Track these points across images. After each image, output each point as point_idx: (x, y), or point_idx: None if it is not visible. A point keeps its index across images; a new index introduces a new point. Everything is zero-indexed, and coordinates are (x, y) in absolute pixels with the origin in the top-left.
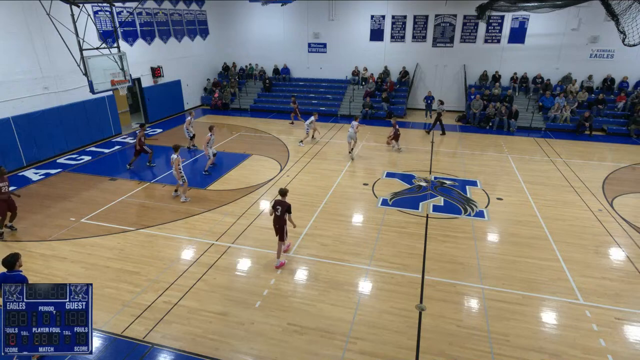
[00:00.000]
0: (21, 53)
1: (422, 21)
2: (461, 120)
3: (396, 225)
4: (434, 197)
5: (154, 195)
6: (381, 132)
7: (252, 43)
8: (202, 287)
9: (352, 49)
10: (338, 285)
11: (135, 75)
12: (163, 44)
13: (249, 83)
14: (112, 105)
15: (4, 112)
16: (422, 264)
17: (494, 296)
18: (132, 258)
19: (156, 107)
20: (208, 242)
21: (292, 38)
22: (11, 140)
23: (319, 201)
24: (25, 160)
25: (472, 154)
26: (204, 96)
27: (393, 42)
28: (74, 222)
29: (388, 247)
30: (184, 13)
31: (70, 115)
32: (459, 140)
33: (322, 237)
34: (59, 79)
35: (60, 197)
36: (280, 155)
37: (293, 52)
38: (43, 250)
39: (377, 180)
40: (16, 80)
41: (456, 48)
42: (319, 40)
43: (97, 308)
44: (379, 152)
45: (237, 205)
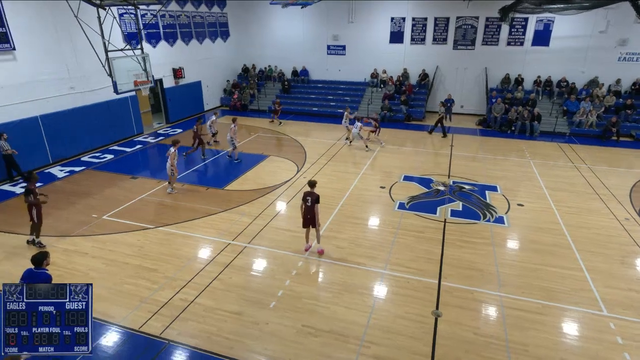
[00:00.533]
0: (49, 54)
1: (443, 23)
2: (482, 124)
3: (413, 230)
4: (452, 202)
5: (173, 194)
6: (399, 135)
7: (272, 45)
8: (218, 286)
9: (371, 51)
10: (353, 288)
11: (157, 76)
12: (185, 46)
13: (268, 84)
14: (135, 105)
15: (32, 111)
16: (439, 270)
17: (513, 304)
18: (151, 255)
19: (177, 107)
20: (225, 242)
21: (311, 40)
22: (39, 138)
23: (335, 203)
24: (52, 158)
25: (493, 158)
26: (223, 97)
27: (413, 44)
28: (96, 219)
29: (404, 252)
30: (205, 15)
31: (94, 114)
32: (479, 144)
33: (338, 240)
34: (85, 80)
35: (84, 194)
36: (297, 156)
37: (312, 54)
38: (66, 245)
39: (394, 183)
40: (44, 80)
41: (477, 51)
42: (338, 43)
43: (116, 303)
44: (397, 155)
45: (253, 205)
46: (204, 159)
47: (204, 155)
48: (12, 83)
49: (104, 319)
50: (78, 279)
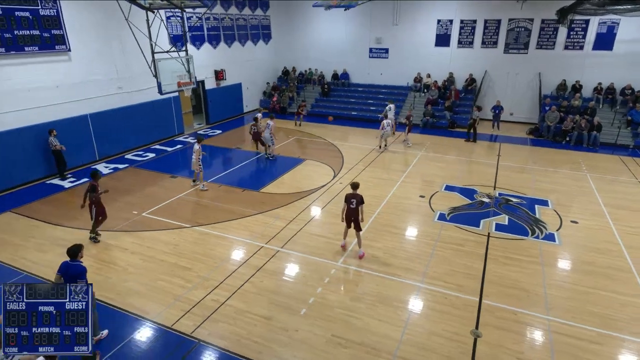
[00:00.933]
0: (100, 55)
1: (494, 26)
2: (533, 133)
3: (453, 242)
4: (497, 215)
5: (210, 194)
6: (442, 142)
7: (313, 47)
8: (250, 289)
9: (415, 55)
10: (386, 300)
11: (199, 78)
12: (227, 48)
13: (308, 88)
14: (177, 105)
15: (82, 110)
16: (480, 287)
17: (562, 330)
18: (186, 254)
19: (217, 108)
20: (258, 245)
21: (353, 43)
22: (87, 136)
23: (372, 211)
24: (98, 155)
25: (544, 170)
26: (263, 99)
27: (460, 47)
28: (136, 215)
29: (443, 265)
30: (248, 18)
31: (139, 114)
32: (529, 154)
33: (373, 249)
34: (132, 80)
35: (126, 191)
36: (334, 161)
37: (353, 57)
38: (108, 239)
39: (435, 192)
40: (94, 80)
41: (531, 54)
42: (381, 46)
43: (151, 300)
44: (439, 163)
45: (288, 209)
46: (262, 156)
47: (261, 151)
48: (67, 82)
49: (139, 314)
50: (117, 273)
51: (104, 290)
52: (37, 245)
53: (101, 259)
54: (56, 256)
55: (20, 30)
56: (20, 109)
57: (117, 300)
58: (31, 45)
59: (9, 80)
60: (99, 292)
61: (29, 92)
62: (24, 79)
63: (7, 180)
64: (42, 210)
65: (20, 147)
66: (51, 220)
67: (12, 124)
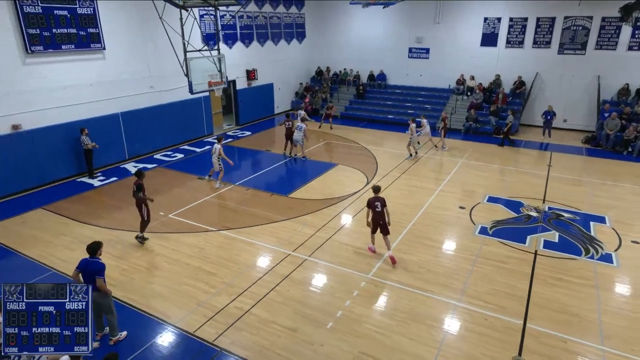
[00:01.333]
0: (134, 54)
1: (547, 24)
2: (589, 142)
3: (495, 259)
4: (546, 231)
5: (237, 197)
6: (486, 150)
7: (349, 47)
8: (275, 298)
9: (458, 55)
10: (420, 318)
11: (230, 78)
12: (260, 47)
13: (342, 89)
14: (207, 106)
15: (114, 108)
16: (524, 309)
17: None
18: (211, 258)
19: (248, 109)
20: (285, 252)
21: (391, 42)
22: (118, 135)
23: (407, 221)
24: (128, 154)
25: (601, 183)
26: (295, 100)
27: (509, 47)
28: (163, 217)
29: (483, 283)
30: (282, 16)
31: (169, 113)
32: (584, 165)
33: (407, 262)
34: (163, 79)
35: (153, 191)
36: (367, 167)
37: (391, 57)
38: (134, 240)
39: (476, 204)
40: (127, 79)
41: (589, 55)
42: (421, 45)
43: (175, 304)
44: (482, 172)
45: (317, 216)
46: (289, 157)
47: (291, 154)
48: (100, 81)
49: (161, 317)
50: (141, 274)
51: (127, 292)
52: (66, 243)
53: (126, 259)
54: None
55: (58, 29)
56: (53, 106)
57: (141, 302)
58: (68, 43)
59: (44, 78)
60: (122, 293)
61: (63, 90)
62: (59, 77)
63: (39, 178)
64: (71, 208)
65: (52, 145)
66: (80, 219)
67: (45, 122)
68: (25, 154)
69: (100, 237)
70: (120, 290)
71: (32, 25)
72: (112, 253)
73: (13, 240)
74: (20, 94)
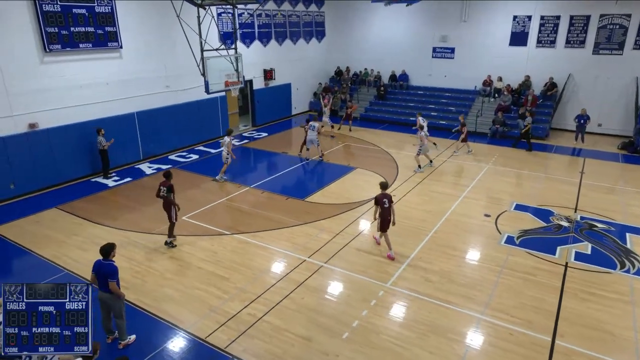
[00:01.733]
0: (150, 53)
1: (582, 22)
2: (626, 148)
3: (522, 270)
4: (578, 242)
5: (251, 200)
6: (514, 155)
7: (370, 46)
8: (289, 306)
9: (485, 55)
10: (440, 331)
11: (247, 77)
12: (278, 46)
13: (362, 89)
14: (224, 106)
15: (130, 108)
16: (553, 324)
17: None
18: (224, 263)
19: (264, 110)
20: (300, 258)
21: (414, 41)
22: (133, 134)
23: (428, 228)
24: (142, 154)
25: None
26: (313, 101)
27: (539, 47)
28: None
29: (509, 296)
30: (302, 14)
31: (184, 113)
32: (620, 173)
33: (427, 272)
34: (179, 78)
35: None
36: (387, 171)
37: (414, 57)
38: (147, 242)
39: (502, 212)
40: (144, 78)
41: (627, 56)
42: (446, 44)
43: (187, 308)
44: (509, 178)
45: (334, 221)
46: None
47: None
48: (117, 80)
49: (173, 322)
50: (154, 277)
51: (140, 294)
52: (79, 243)
53: (139, 262)
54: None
55: (76, 27)
56: (70, 105)
57: (153, 306)
58: (85, 42)
59: (62, 77)
60: (134, 296)
61: (80, 89)
62: (76, 76)
63: (54, 177)
64: (85, 209)
65: (68, 144)
66: (93, 219)
67: (61, 121)
68: (41, 153)
69: (113, 238)
70: (132, 293)
71: (50, 24)
72: (125, 255)
73: (27, 240)
74: (37, 92)
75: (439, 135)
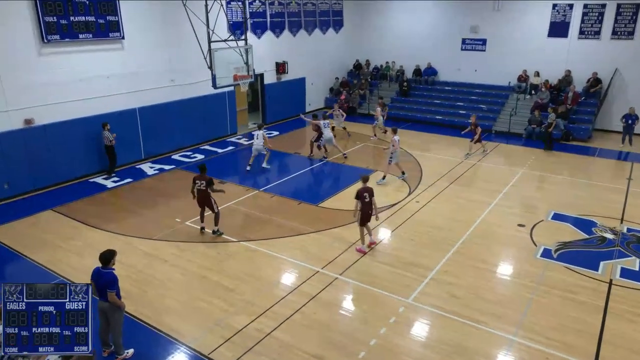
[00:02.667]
0: (154, 45)
1: (631, 11)
2: None
3: (560, 288)
4: (624, 257)
5: (261, 205)
6: (552, 158)
7: (392, 38)
8: (300, 321)
9: (521, 48)
10: (468, 353)
11: (258, 71)
12: (292, 37)
13: (383, 85)
14: (232, 102)
15: (131, 103)
16: (595, 348)
17: None
18: (230, 272)
19: (276, 106)
20: (313, 269)
21: (442, 32)
22: (134, 132)
23: (455, 239)
24: (144, 154)
25: None
26: (329, 97)
27: (582, 39)
28: (179, 224)
29: (545, 316)
30: (318, 3)
31: (190, 110)
32: None
33: (453, 286)
34: (184, 72)
35: (170, 195)
36: (410, 174)
37: (441, 50)
38: (147, 248)
39: (538, 222)
40: (147, 71)
41: None
42: (477, 36)
43: (189, 321)
44: (546, 184)
45: (350, 229)
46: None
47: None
48: (118, 73)
49: (174, 336)
50: (154, 287)
51: (139, 306)
52: (76, 249)
53: (139, 269)
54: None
55: (76, 16)
56: (68, 100)
57: (153, 318)
58: (85, 32)
59: (60, 70)
60: (134, 307)
61: (79, 83)
62: (75, 69)
63: (51, 176)
64: (83, 211)
65: (65, 142)
66: (91, 223)
67: (58, 116)
68: (37, 151)
69: (111, 244)
70: (131, 304)
71: (49, 13)
72: (124, 262)
73: (21, 243)
74: (34, 86)
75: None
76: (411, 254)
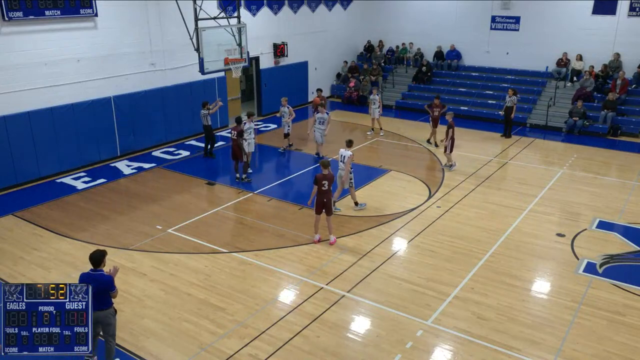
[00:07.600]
0: (133, 23)
1: None
2: None
3: (607, 309)
4: None
5: (255, 210)
6: (598, 156)
7: (410, 15)
8: (300, 345)
9: (560, 27)
10: None
11: (253, 54)
12: (292, 14)
13: (398, 70)
14: (222, 89)
15: (106, 91)
16: None
17: None
18: (219, 289)
19: (274, 95)
20: (316, 285)
21: (467, 9)
22: (109, 124)
23: (483, 251)
24: (120, 150)
25: None
26: (336, 84)
27: (633, 16)
28: (160, 232)
29: (589, 341)
30: None
31: (174, 98)
32: None
33: (481, 306)
34: (168, 55)
35: (150, 199)
36: (430, 174)
37: (467, 29)
38: (123, 260)
39: (581, 231)
40: (123, 53)
41: None
42: (508, 13)
43: (171, 345)
44: (589, 187)
45: (361, 238)
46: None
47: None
48: (90, 55)
49: None
50: (131, 305)
51: None
52: (40, 260)
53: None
54: (60, 275)
55: None
56: (32, 87)
57: (129, 341)
58: (53, 8)
59: (23, 52)
60: None
61: (45, 67)
62: (40, 51)
63: (11, 176)
64: (49, 216)
65: (29, 135)
66: (58, 230)
67: (22, 107)
68: None
69: (82, 254)
70: None
71: None
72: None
73: None
74: None
75: (496, 129)
76: (431, 268)
